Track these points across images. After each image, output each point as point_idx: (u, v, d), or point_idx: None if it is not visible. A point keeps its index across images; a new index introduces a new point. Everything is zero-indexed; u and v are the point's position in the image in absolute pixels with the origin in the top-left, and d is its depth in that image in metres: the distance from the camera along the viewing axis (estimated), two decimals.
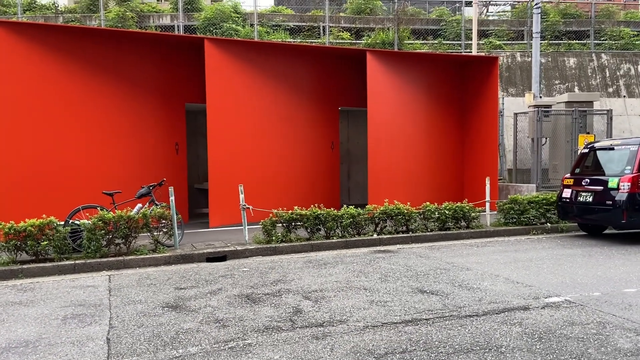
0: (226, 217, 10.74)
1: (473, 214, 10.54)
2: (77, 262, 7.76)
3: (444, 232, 10.18)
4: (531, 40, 16.19)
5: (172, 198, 8.65)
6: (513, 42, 18.79)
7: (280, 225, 9.31)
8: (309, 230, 9.40)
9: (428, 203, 10.44)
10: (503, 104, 16.33)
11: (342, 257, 8.33)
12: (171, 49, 11.56)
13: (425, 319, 5.09)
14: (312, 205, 9.50)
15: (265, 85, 11.77)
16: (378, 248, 9.17)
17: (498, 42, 18.32)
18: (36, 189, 9.71)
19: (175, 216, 8.65)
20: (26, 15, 17.69)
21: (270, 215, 9.24)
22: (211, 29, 17.13)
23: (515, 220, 10.92)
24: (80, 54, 10.38)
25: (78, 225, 8.25)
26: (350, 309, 5.45)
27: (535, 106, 14.55)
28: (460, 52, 17.61)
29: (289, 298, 5.94)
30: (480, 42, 18.74)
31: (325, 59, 12.96)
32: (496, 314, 5.24)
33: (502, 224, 10.93)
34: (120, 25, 16.42)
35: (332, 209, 9.55)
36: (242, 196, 9.15)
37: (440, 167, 13.72)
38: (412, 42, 17.91)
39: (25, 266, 7.51)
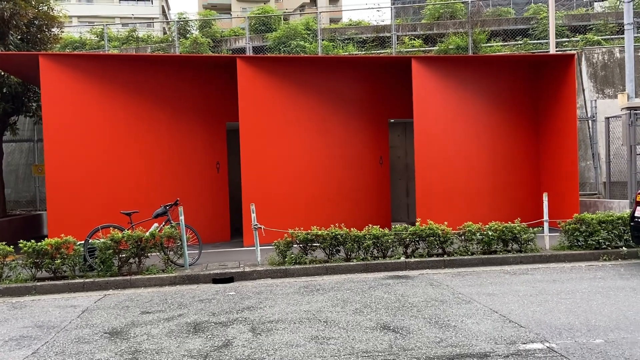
0: (260, 236, 10.47)
1: (525, 236, 9.14)
2: (86, 280, 7.99)
3: (488, 256, 8.93)
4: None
5: (181, 217, 8.61)
6: (614, 36, 16.41)
7: (296, 246, 8.85)
8: (327, 252, 8.82)
9: (470, 223, 9.26)
10: (595, 107, 14.27)
11: (345, 283, 7.63)
12: (211, 70, 11.69)
13: None
14: (337, 225, 8.89)
15: (302, 99, 11.44)
16: (397, 273, 8.29)
17: (595, 38, 16.10)
18: (92, 204, 10.30)
19: (185, 236, 8.59)
20: (122, 47, 19.27)
21: (285, 235, 8.81)
22: (280, 47, 17.25)
23: (582, 243, 9.29)
24: (125, 80, 10.89)
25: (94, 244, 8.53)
26: (281, 346, 4.84)
27: (628, 108, 12.46)
28: (549, 52, 15.75)
29: (234, 329, 5.47)
30: (574, 39, 16.66)
31: (371, 70, 12.27)
32: None
33: (566, 247, 9.37)
34: (195, 51, 17.17)
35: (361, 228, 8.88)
36: (253, 215, 8.84)
37: (509, 182, 12.27)
38: (491, 44, 16.41)
39: (39, 283, 7.89)
